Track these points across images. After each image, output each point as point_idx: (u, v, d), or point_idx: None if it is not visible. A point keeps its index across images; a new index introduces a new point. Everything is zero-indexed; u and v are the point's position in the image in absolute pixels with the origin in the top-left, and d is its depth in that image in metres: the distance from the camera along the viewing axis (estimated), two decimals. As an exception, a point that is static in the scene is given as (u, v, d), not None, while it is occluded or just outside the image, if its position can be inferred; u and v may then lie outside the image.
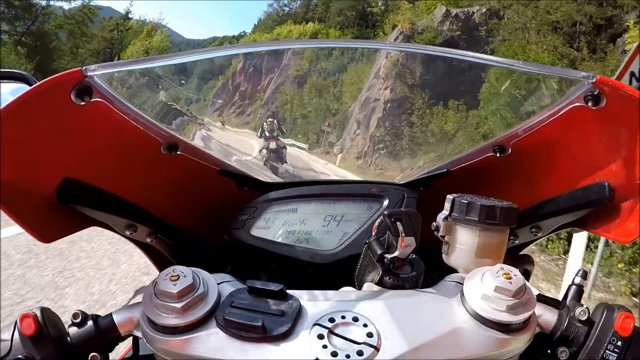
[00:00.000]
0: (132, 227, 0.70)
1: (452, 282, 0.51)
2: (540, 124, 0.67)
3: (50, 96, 0.54)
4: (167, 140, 0.69)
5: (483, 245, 0.55)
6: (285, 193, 0.79)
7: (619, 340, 0.48)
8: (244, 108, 13.54)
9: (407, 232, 0.49)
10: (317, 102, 15.34)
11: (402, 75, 13.21)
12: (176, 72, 0.78)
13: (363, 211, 0.76)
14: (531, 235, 0.77)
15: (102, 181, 0.64)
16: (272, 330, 0.42)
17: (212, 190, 0.80)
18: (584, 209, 0.67)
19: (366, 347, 0.41)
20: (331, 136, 13.34)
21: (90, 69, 0.55)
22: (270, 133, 1.73)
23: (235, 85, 17.68)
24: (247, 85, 17.66)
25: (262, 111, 13.00)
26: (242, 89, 17.42)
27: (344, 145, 12.86)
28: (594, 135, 0.63)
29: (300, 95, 16.05)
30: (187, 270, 0.46)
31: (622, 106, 0.56)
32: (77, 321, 0.49)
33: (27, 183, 0.57)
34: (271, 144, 1.68)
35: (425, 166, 0.88)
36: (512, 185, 0.78)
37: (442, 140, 10.80)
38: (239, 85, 17.84)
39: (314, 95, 15.73)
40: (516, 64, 0.65)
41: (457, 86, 11.54)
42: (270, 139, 1.70)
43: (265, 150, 1.66)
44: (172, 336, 0.43)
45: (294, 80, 16.71)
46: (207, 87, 16.08)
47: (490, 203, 0.55)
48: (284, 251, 0.73)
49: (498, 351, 0.44)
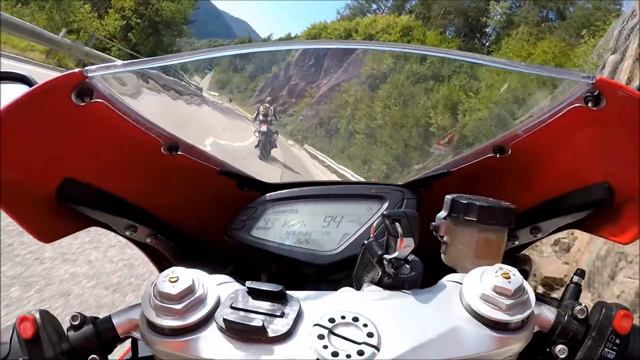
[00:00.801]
0: (132, 228, 0.70)
1: (451, 281, 0.52)
2: (540, 125, 0.67)
3: (50, 97, 0.54)
4: (168, 141, 0.69)
5: (482, 245, 0.55)
6: (286, 194, 0.79)
7: (617, 338, 0.48)
8: (288, 107, 9.89)
9: (406, 233, 0.49)
10: (397, 114, 10.28)
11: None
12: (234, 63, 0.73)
13: (363, 212, 0.76)
14: (531, 237, 0.77)
15: (102, 181, 0.65)
16: (272, 332, 0.42)
17: (213, 191, 0.80)
18: (584, 210, 0.67)
19: (367, 347, 0.41)
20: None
21: (91, 69, 0.55)
22: (264, 117, 1.74)
23: (287, 77, 13.51)
24: (299, 80, 13.28)
25: (308, 112, 9.39)
26: (293, 84, 13.12)
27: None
28: (594, 136, 0.63)
29: (369, 100, 10.85)
30: (186, 271, 0.46)
31: (622, 106, 0.56)
32: (75, 323, 0.49)
33: (27, 183, 0.58)
34: (262, 127, 1.69)
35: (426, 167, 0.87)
36: (512, 186, 0.78)
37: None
38: (290, 79, 13.80)
39: (395, 103, 10.64)
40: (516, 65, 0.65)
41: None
42: (262, 122, 1.71)
43: (257, 133, 1.67)
44: (172, 338, 0.43)
45: (364, 80, 11.22)
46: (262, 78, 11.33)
47: (489, 203, 0.55)
48: (284, 252, 0.73)
49: (497, 350, 0.44)
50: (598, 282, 2.89)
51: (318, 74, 12.27)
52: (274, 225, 0.76)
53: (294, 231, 0.75)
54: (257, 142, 1.73)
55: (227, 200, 0.80)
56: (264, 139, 1.78)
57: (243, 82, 4.64)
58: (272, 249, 0.74)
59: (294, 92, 10.93)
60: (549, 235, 0.76)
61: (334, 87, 11.74)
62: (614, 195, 0.63)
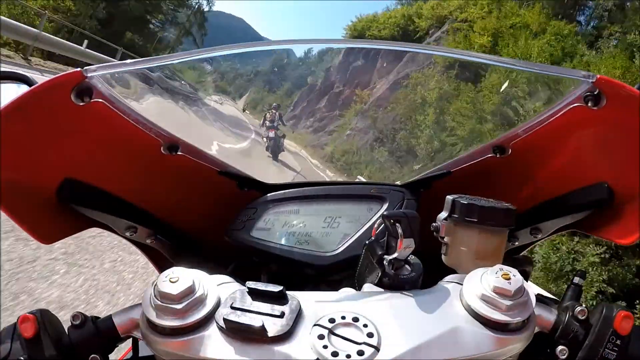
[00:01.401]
0: (132, 228, 0.70)
1: (451, 282, 0.51)
2: (540, 125, 0.67)
3: (50, 97, 0.54)
4: (168, 141, 0.69)
5: (482, 246, 0.55)
6: (286, 194, 0.79)
7: (618, 339, 0.48)
8: (327, 121, 6.09)
9: (406, 234, 0.49)
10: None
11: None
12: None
13: (363, 212, 0.76)
14: (531, 237, 0.77)
15: (102, 181, 0.65)
16: (272, 332, 0.42)
17: (213, 191, 0.80)
18: (584, 210, 0.67)
19: (367, 347, 0.41)
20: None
21: (91, 69, 0.55)
22: (271, 122, 1.82)
23: (328, 85, 8.58)
24: (343, 86, 8.62)
25: (358, 123, 5.85)
26: (336, 91, 8.55)
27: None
28: (594, 136, 0.63)
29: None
30: (186, 271, 0.46)
31: (623, 106, 0.56)
32: (76, 323, 0.49)
33: (27, 183, 0.57)
34: (270, 133, 1.78)
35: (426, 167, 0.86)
36: (512, 186, 0.78)
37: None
38: (333, 86, 8.80)
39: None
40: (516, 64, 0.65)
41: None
42: (270, 129, 1.79)
43: (265, 139, 1.76)
44: (172, 338, 0.43)
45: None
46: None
47: (490, 204, 0.55)
48: (284, 252, 0.73)
49: (497, 351, 0.44)
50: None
51: (370, 74, 8.25)
52: (274, 226, 0.76)
53: (294, 232, 0.75)
54: (265, 147, 1.77)
55: (227, 200, 0.80)
56: (272, 144, 1.82)
57: (277, 100, 3.36)
58: (272, 250, 0.74)
59: (337, 102, 7.24)
60: (549, 236, 0.76)
61: (398, 82, 8.14)
62: (614, 195, 0.63)
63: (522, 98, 0.96)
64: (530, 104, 0.82)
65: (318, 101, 6.89)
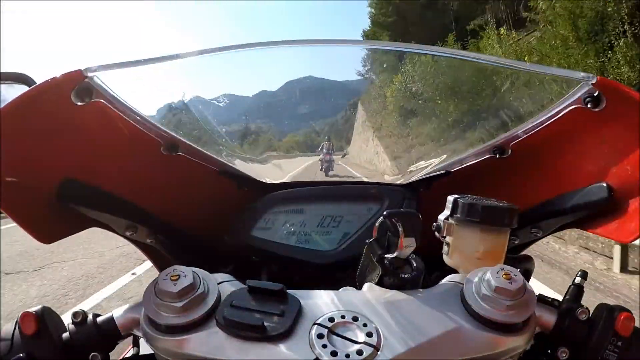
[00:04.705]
0: (132, 228, 0.70)
1: (452, 282, 0.51)
2: (540, 126, 0.67)
3: (50, 96, 0.54)
4: (167, 141, 0.69)
5: (484, 245, 0.55)
6: (286, 194, 0.79)
7: (619, 340, 0.48)
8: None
9: (407, 233, 0.49)
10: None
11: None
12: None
13: (363, 212, 0.76)
14: (531, 236, 0.77)
15: (102, 181, 0.64)
16: (272, 330, 0.42)
17: (213, 191, 0.80)
18: (584, 210, 0.67)
19: (366, 347, 0.41)
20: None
21: (91, 69, 0.55)
22: (327, 150, 2.39)
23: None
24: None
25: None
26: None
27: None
28: (593, 137, 0.63)
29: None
30: (187, 270, 0.46)
31: (622, 107, 0.56)
32: (77, 320, 0.49)
33: (27, 183, 0.57)
34: (326, 157, 2.36)
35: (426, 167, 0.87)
36: (512, 187, 0.78)
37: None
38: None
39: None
40: (516, 64, 0.65)
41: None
42: (326, 154, 2.36)
43: (321, 161, 2.33)
44: (173, 335, 0.43)
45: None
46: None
47: (492, 204, 0.55)
48: (284, 252, 0.73)
49: (498, 351, 0.44)
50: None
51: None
52: (274, 225, 0.76)
53: (294, 231, 0.75)
54: (321, 167, 2.37)
55: (227, 200, 0.80)
56: (327, 165, 2.44)
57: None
58: (272, 249, 0.74)
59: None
60: (549, 234, 0.76)
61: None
62: (614, 195, 0.63)
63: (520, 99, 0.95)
64: (529, 104, 0.82)
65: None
